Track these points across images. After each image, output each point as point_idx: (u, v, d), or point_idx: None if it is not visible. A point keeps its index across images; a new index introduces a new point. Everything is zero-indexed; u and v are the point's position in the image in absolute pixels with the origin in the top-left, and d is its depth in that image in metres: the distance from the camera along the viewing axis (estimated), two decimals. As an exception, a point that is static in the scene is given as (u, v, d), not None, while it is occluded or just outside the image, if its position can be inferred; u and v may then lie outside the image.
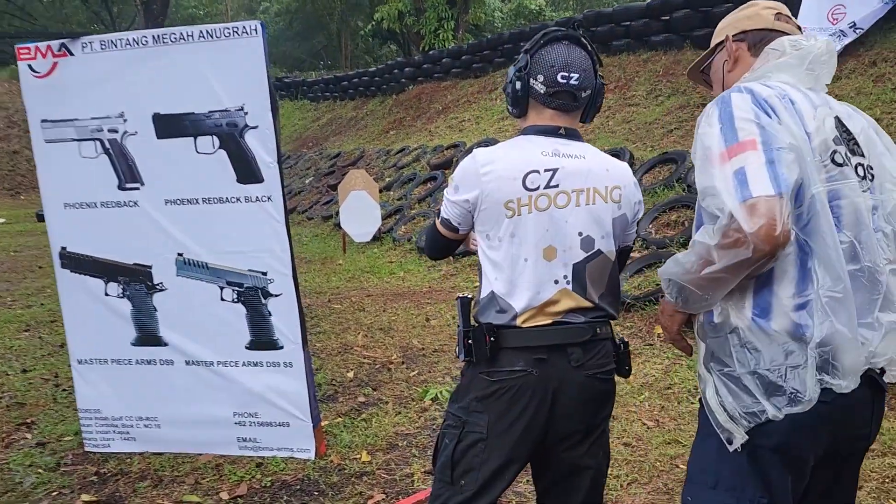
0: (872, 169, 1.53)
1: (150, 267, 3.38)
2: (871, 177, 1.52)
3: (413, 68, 16.03)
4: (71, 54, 3.23)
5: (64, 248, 3.43)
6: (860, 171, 1.49)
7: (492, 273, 1.80)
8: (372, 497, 3.02)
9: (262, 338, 3.35)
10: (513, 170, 1.76)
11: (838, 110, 1.55)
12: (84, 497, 3.11)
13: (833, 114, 1.51)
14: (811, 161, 1.40)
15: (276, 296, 3.30)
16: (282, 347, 3.34)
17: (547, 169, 1.76)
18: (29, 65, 3.25)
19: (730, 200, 1.33)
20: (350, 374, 4.60)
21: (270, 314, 3.31)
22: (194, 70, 3.14)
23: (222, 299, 3.35)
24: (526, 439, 1.77)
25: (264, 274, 3.29)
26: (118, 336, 3.45)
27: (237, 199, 3.24)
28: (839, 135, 1.48)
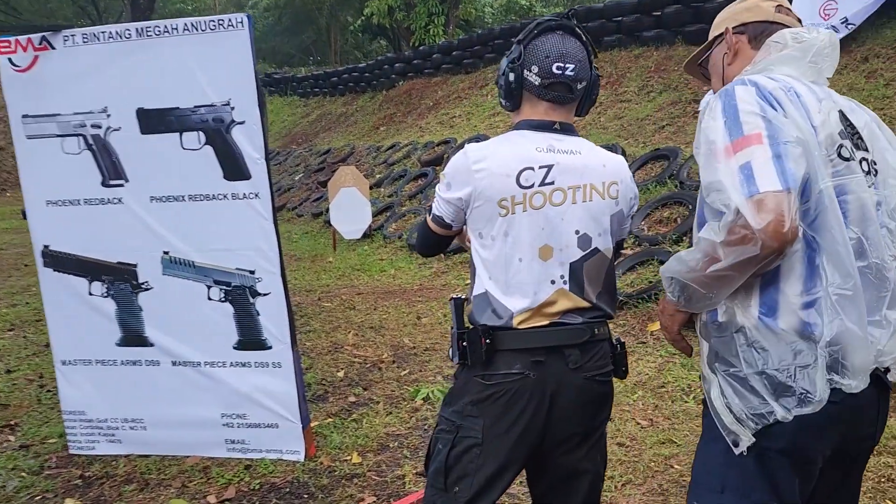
0: (876, 164, 1.50)
1: (135, 266, 3.31)
2: (875, 172, 1.49)
3: (403, 64, 15.94)
4: (52, 48, 3.15)
5: (46, 247, 3.36)
6: (864, 166, 1.46)
7: (485, 272, 1.74)
8: (363, 500, 2.97)
9: (250, 338, 3.29)
10: (506, 167, 1.69)
11: (842, 104, 1.51)
12: (68, 501, 3.05)
13: (837, 107, 1.48)
14: (818, 155, 1.36)
15: (265, 295, 3.24)
16: (270, 347, 3.28)
17: (542, 166, 1.70)
18: (9, 58, 3.17)
19: (736, 196, 1.29)
20: (340, 374, 4.54)
21: (258, 313, 3.26)
22: (179, 64, 3.07)
23: (209, 298, 3.28)
24: (522, 444, 1.71)
25: (252, 272, 3.23)
26: (103, 336, 3.39)
27: (224, 196, 3.18)
28: (844, 129, 1.44)
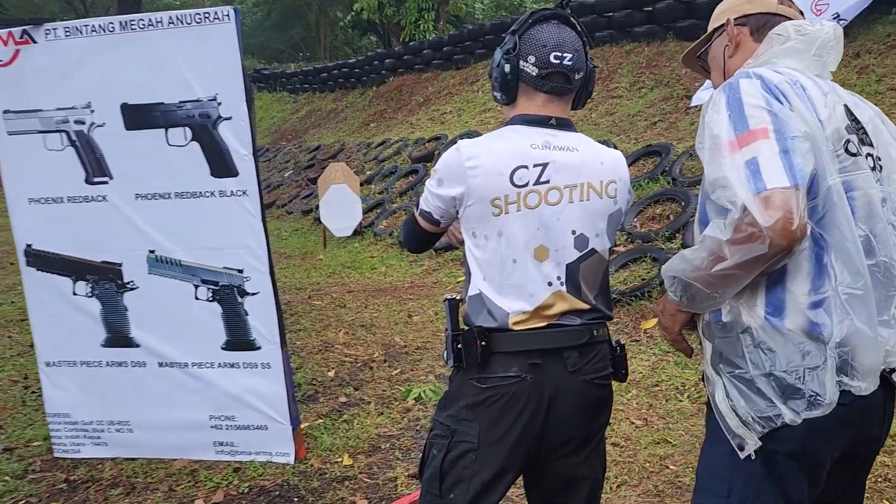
0: (880, 160, 1.45)
1: (120, 265, 3.24)
2: (880, 168, 1.44)
3: (393, 60, 15.83)
4: (34, 42, 3.08)
5: (29, 246, 3.28)
6: (870, 162, 1.41)
7: (479, 273, 1.68)
8: (354, 503, 2.92)
9: (239, 338, 3.23)
10: (500, 164, 1.62)
11: (846, 98, 1.47)
12: (52, 506, 2.98)
13: (842, 101, 1.43)
14: (826, 150, 1.32)
15: (253, 294, 3.18)
16: (259, 348, 3.22)
17: (537, 164, 1.63)
18: (-10, 53, 3.09)
19: (742, 192, 1.25)
20: (331, 374, 4.48)
21: (247, 313, 3.19)
22: (164, 58, 3.00)
23: (197, 298, 3.22)
24: (520, 449, 1.66)
25: (240, 271, 3.17)
26: (87, 337, 3.32)
27: (211, 194, 3.11)
28: (850, 123, 1.40)
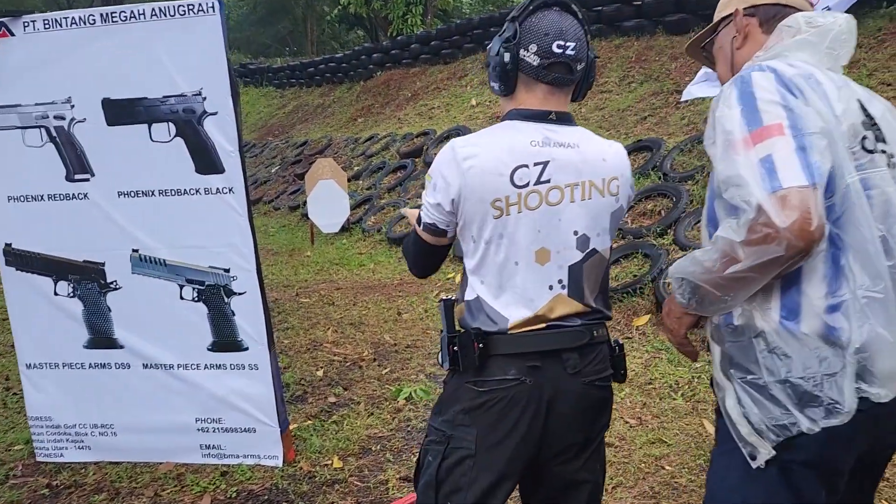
0: (893, 157, 1.40)
1: (103, 264, 3.16)
2: (893, 165, 1.39)
3: (381, 54, 15.70)
4: (12, 34, 2.98)
5: (8, 245, 3.19)
6: (885, 159, 1.36)
7: (477, 276, 1.62)
8: (345, 507, 2.86)
9: (226, 339, 3.15)
10: (499, 163, 1.55)
11: (859, 93, 1.41)
12: (33, 513, 2.91)
13: (856, 96, 1.37)
14: (842, 147, 1.26)
15: (240, 294, 3.10)
16: (247, 349, 3.14)
17: (537, 162, 1.56)
18: (-35, 46, 2.99)
19: (758, 191, 1.19)
20: (320, 373, 4.41)
21: (234, 314, 3.12)
22: (147, 51, 2.91)
23: (182, 298, 3.14)
24: (519, 454, 1.60)
25: (227, 271, 3.09)
26: (69, 339, 3.23)
27: (196, 191, 3.03)
28: (865, 119, 1.34)
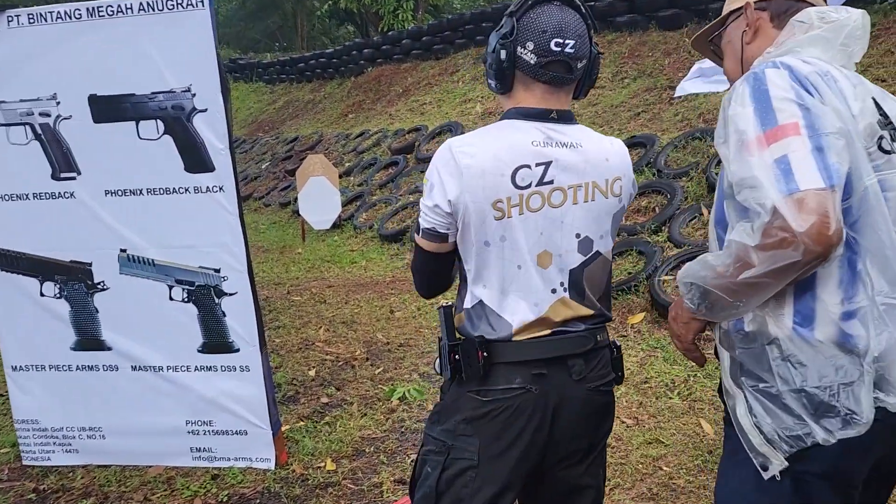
0: None
1: (90, 264, 3.09)
2: None
3: (372, 49, 15.63)
4: (-5, 29, 2.91)
5: (-8, 245, 3.12)
6: None
7: (477, 281, 1.56)
8: (338, 511, 2.82)
9: (216, 340, 3.09)
10: (499, 163, 1.49)
11: (874, 91, 1.36)
12: (19, 519, 2.85)
13: (870, 94, 1.33)
14: (860, 147, 1.22)
15: (231, 294, 3.04)
16: (237, 350, 3.09)
17: (539, 163, 1.50)
18: (-53, 41, 2.92)
19: (773, 193, 1.14)
20: (312, 373, 4.35)
21: (224, 314, 3.06)
22: (134, 46, 2.84)
23: (171, 299, 3.08)
24: (523, 464, 1.56)
25: (217, 271, 3.03)
26: (56, 340, 3.17)
27: (185, 190, 2.97)
28: (881, 118, 1.30)
